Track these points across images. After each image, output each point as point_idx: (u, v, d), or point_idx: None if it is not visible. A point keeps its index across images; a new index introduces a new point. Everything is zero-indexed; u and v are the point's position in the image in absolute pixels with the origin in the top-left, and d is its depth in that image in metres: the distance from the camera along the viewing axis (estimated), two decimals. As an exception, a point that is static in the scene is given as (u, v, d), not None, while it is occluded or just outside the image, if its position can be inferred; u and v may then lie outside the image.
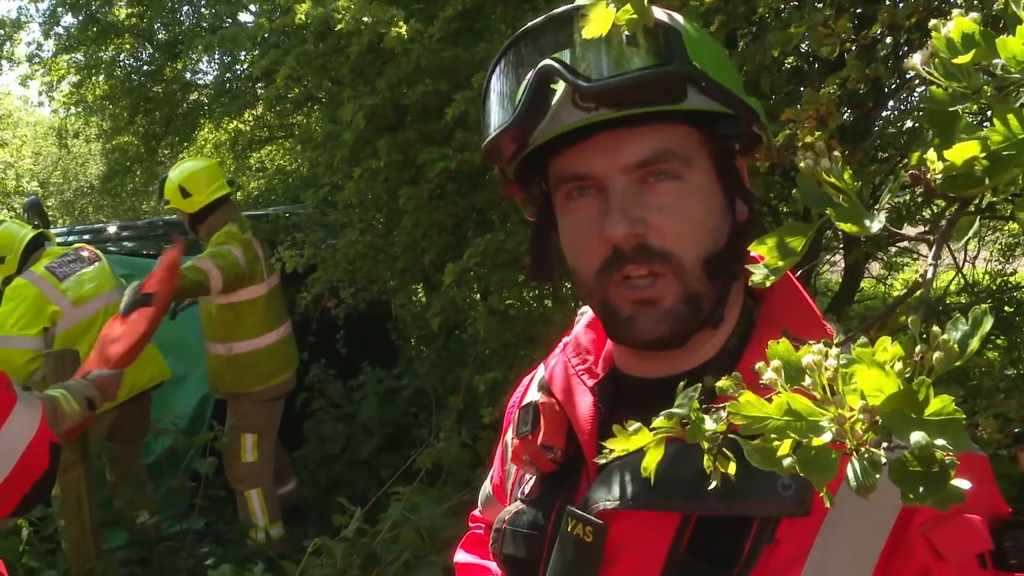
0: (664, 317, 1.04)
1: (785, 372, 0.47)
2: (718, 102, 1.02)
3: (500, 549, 1.17)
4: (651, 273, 1.02)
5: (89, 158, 21.49)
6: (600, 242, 1.04)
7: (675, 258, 1.02)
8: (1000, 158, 0.46)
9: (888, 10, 2.21)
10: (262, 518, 5.12)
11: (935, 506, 0.43)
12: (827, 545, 0.93)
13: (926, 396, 0.43)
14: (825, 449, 0.45)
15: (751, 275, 1.10)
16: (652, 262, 1.02)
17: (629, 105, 0.99)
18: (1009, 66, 0.45)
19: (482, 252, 3.74)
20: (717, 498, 0.93)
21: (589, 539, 1.03)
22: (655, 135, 1.02)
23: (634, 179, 1.03)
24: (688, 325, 1.05)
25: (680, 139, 1.03)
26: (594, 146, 1.03)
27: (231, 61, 11.00)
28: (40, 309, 4.85)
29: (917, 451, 0.42)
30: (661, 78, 0.98)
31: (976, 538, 0.91)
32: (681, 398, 0.56)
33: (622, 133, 1.02)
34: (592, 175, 1.04)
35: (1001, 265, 7.86)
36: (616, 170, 1.02)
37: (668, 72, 0.98)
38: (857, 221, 0.51)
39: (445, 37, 3.77)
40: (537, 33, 1.06)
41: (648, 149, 1.02)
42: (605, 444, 0.63)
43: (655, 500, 0.99)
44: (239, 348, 5.13)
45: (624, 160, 1.02)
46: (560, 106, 1.02)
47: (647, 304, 1.04)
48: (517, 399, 1.34)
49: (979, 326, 0.47)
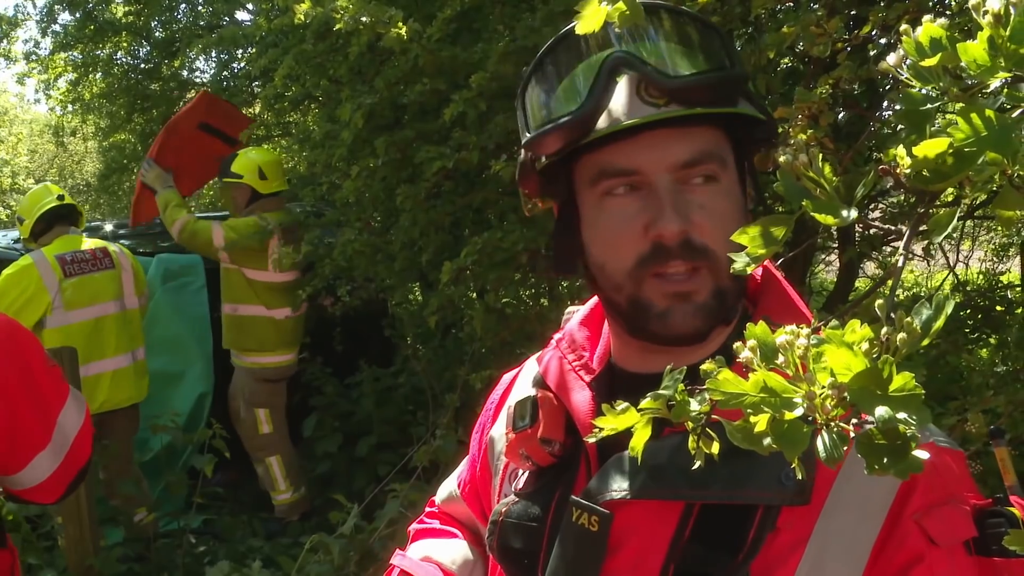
0: (697, 311, 1.06)
1: (760, 351, 0.51)
2: (754, 107, 1.07)
3: (497, 541, 1.18)
4: (691, 268, 1.05)
5: (86, 156, 21.46)
6: (641, 237, 1.05)
7: (712, 254, 1.05)
8: (964, 155, 0.49)
9: (880, 11, 2.24)
10: (283, 482, 5.44)
11: (897, 475, 0.46)
12: (825, 532, 0.97)
13: (890, 374, 0.46)
14: (797, 423, 0.48)
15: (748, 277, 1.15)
16: (695, 258, 1.04)
17: (697, 103, 1.03)
18: (970, 69, 0.48)
19: (479, 251, 3.77)
20: (722, 487, 0.98)
21: (595, 528, 1.05)
22: (700, 136, 1.06)
23: (677, 178, 1.05)
24: (716, 320, 1.09)
25: (718, 141, 1.07)
26: (642, 143, 1.05)
27: (228, 59, 11.00)
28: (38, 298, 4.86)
29: (881, 424, 0.45)
30: (728, 80, 1.04)
31: (963, 525, 0.97)
32: (667, 380, 0.59)
33: (669, 133, 1.04)
34: (639, 171, 1.05)
35: (995, 265, 7.90)
36: (663, 168, 1.04)
37: (734, 75, 1.04)
38: (833, 212, 0.55)
39: (443, 37, 3.79)
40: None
41: (694, 150, 1.05)
42: (595, 423, 0.65)
43: (660, 489, 1.02)
44: (243, 311, 5.40)
45: (671, 159, 1.04)
46: (625, 99, 1.04)
47: (682, 298, 1.06)
48: (497, 397, 1.36)
49: (942, 310, 0.50)
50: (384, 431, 5.88)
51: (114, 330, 5.11)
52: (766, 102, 3.29)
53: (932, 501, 0.97)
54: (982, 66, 0.48)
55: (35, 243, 5.09)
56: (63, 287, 4.91)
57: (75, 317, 4.96)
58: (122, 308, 5.19)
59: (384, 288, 5.30)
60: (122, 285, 5.22)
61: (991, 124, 0.49)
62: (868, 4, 2.95)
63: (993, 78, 0.49)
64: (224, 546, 5.06)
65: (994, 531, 0.96)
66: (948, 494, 0.99)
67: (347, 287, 5.31)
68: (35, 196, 5.17)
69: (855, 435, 0.47)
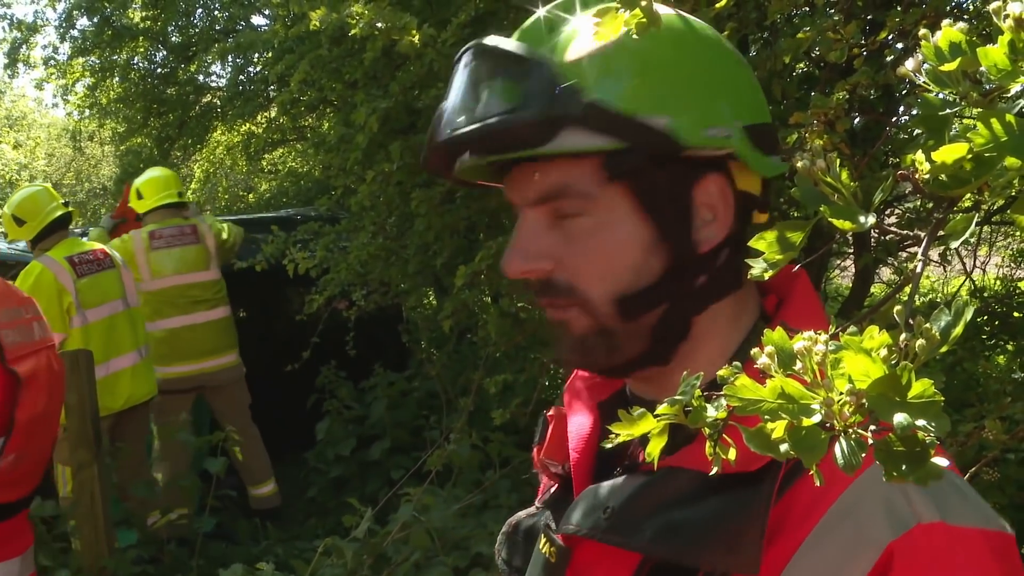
0: (576, 345, 1.01)
1: (778, 357, 0.51)
2: (609, 134, 0.92)
3: (500, 553, 1.17)
4: (557, 307, 1.01)
5: (102, 160, 21.60)
6: None
7: (579, 292, 0.98)
8: (983, 160, 0.49)
9: (897, 16, 2.23)
10: None
11: (916, 482, 0.46)
12: None
13: (908, 380, 0.46)
14: (815, 429, 0.48)
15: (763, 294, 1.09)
16: (556, 296, 1.00)
17: (491, 152, 0.96)
18: (990, 73, 0.48)
19: (494, 255, 3.77)
20: (663, 541, 0.89)
21: (554, 560, 1.02)
22: (556, 170, 0.96)
23: (544, 213, 0.99)
24: (606, 360, 1.01)
25: (583, 174, 0.95)
26: (512, 178, 1.02)
27: (244, 63, 11.06)
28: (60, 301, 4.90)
29: (900, 431, 0.45)
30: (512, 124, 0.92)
31: None
32: (683, 386, 0.59)
33: (530, 167, 0.98)
34: (514, 203, 1.03)
35: (1012, 271, 7.86)
36: (526, 203, 1.00)
37: (519, 118, 0.92)
38: (851, 218, 0.54)
39: (458, 42, 3.80)
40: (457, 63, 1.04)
41: (547, 185, 0.97)
42: (610, 428, 0.65)
43: (610, 534, 0.95)
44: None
45: (528, 195, 0.99)
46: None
47: (561, 327, 1.01)
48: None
49: (961, 316, 0.50)
50: (398, 435, 5.89)
51: (125, 327, 5.19)
52: (781, 107, 3.29)
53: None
54: (1003, 70, 0.48)
55: (33, 247, 5.14)
56: (78, 287, 4.95)
57: (92, 316, 5.01)
58: (127, 306, 5.27)
59: (399, 292, 5.32)
60: (124, 284, 5.30)
61: (1011, 129, 0.49)
62: (885, 9, 2.95)
63: (1014, 83, 0.49)
64: (237, 549, 5.08)
65: None
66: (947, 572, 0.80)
67: (362, 291, 5.32)
68: (39, 201, 5.12)
69: (873, 442, 0.47)
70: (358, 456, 5.91)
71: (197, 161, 14.55)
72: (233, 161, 14.22)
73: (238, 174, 15.73)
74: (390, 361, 6.52)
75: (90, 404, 4.10)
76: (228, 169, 15.12)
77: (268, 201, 13.03)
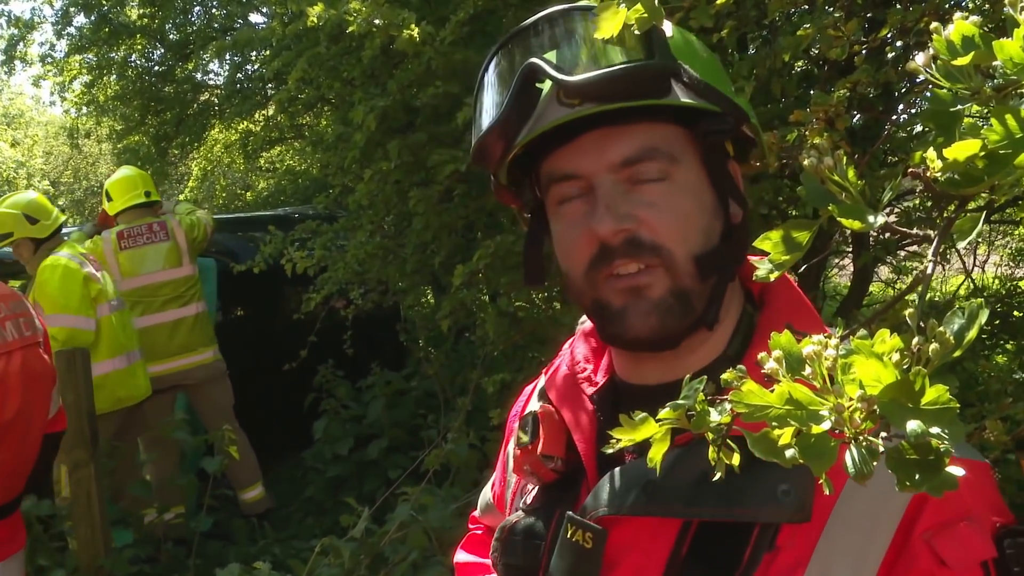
0: (653, 308, 1.03)
1: (786, 362, 0.49)
2: (704, 99, 1.01)
3: (500, 558, 1.16)
4: (643, 266, 1.03)
5: (100, 158, 21.58)
6: (588, 240, 1.04)
7: (665, 251, 1.02)
8: (998, 157, 0.47)
9: (898, 13, 2.22)
10: None
11: (930, 492, 0.44)
12: (828, 552, 0.93)
13: (922, 386, 0.44)
14: (824, 437, 0.47)
15: (748, 279, 1.12)
16: (642, 255, 1.02)
17: (612, 99, 0.99)
18: (1006, 68, 0.46)
19: (492, 254, 3.76)
20: (716, 504, 0.95)
21: (589, 545, 1.03)
22: (641, 133, 1.02)
23: (621, 178, 1.03)
24: (679, 322, 1.04)
25: (666, 137, 1.03)
26: (581, 145, 1.04)
27: (242, 61, 11.04)
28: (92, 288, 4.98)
29: (913, 439, 0.43)
30: (643, 71, 0.98)
31: (979, 545, 0.90)
32: (687, 390, 0.58)
33: (608, 132, 1.02)
34: (579, 173, 1.04)
35: (1011, 270, 7.85)
36: (603, 168, 1.03)
37: (650, 66, 0.98)
38: (859, 217, 0.53)
39: (456, 40, 3.78)
40: (524, 35, 1.06)
41: (634, 147, 1.02)
42: (612, 433, 0.64)
43: (654, 506, 0.99)
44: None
45: (610, 158, 1.02)
46: (545, 105, 1.03)
47: (636, 294, 1.03)
48: (519, 409, 1.34)
49: (975, 319, 0.48)
50: (395, 434, 5.88)
51: (125, 327, 5.21)
52: (781, 105, 3.28)
53: (945, 519, 0.91)
54: (1019, 64, 0.46)
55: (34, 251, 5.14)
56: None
57: (102, 311, 5.05)
58: (121, 307, 5.29)
59: (396, 291, 5.30)
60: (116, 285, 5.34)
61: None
62: (884, 6, 2.93)
63: (1030, 78, 0.47)
64: (233, 548, 5.07)
65: (1015, 551, 0.90)
66: (963, 511, 0.91)
67: (360, 290, 5.30)
68: (48, 208, 5.21)
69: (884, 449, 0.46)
70: (355, 455, 5.89)
71: (195, 159, 14.54)
72: (231, 159, 14.21)
73: (236, 172, 15.71)
74: (388, 360, 6.50)
75: (87, 403, 4.08)
76: (226, 167, 15.10)
77: (266, 199, 13.02)
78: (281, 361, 5.65)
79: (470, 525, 1.56)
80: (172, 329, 5.58)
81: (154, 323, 5.56)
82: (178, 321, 5.60)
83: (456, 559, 1.49)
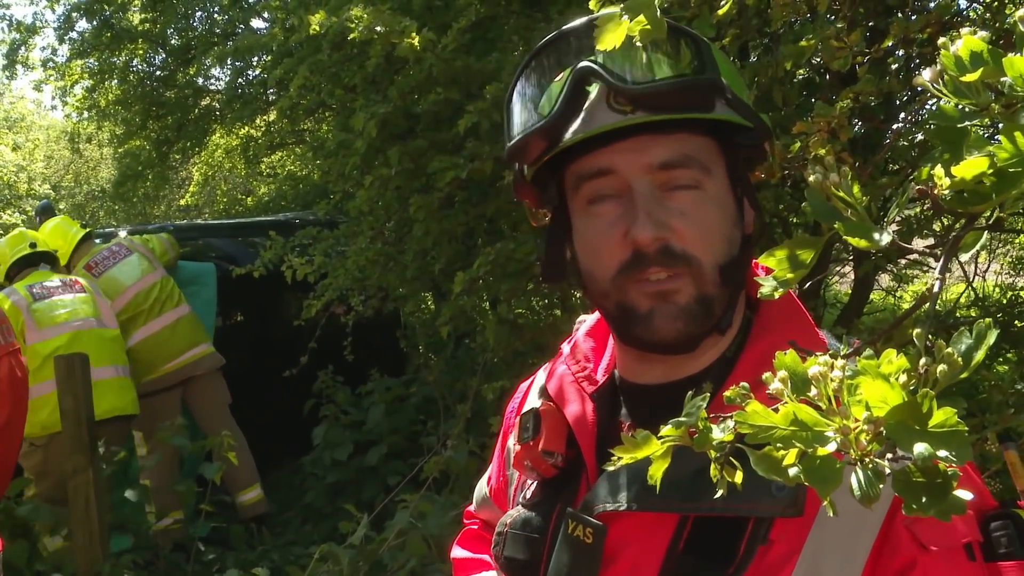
0: (680, 313, 1.06)
1: (791, 382, 0.48)
2: (741, 114, 1.06)
3: (501, 552, 1.18)
4: (672, 274, 1.05)
5: (101, 162, 21.57)
6: (621, 244, 1.06)
7: (695, 261, 1.05)
8: (1007, 175, 0.47)
9: (900, 23, 2.21)
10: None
11: (937, 516, 0.44)
12: (818, 544, 0.96)
13: (930, 408, 0.44)
14: (830, 459, 0.46)
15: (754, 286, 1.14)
16: (674, 264, 1.05)
17: (664, 110, 1.03)
18: (1016, 85, 0.46)
19: (492, 261, 3.75)
20: (713, 499, 0.96)
21: (589, 540, 1.06)
22: (680, 142, 1.05)
23: (657, 182, 1.05)
24: (701, 327, 1.07)
25: (701, 148, 1.07)
26: (620, 148, 1.06)
27: (243, 67, 11.05)
28: None
29: (920, 462, 0.42)
30: (696, 86, 1.03)
31: (960, 528, 0.94)
32: (689, 407, 0.57)
33: (649, 138, 1.05)
34: (614, 169, 1.06)
35: (1012, 279, 7.83)
36: (640, 169, 1.05)
37: (703, 81, 1.03)
38: (866, 235, 0.52)
39: (458, 47, 3.78)
40: (571, 37, 1.09)
41: (673, 152, 1.05)
42: (613, 452, 0.63)
43: (654, 502, 1.01)
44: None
45: (649, 160, 1.05)
46: (594, 107, 1.05)
47: (664, 299, 1.06)
48: (516, 405, 1.37)
49: (983, 340, 0.48)
50: (395, 441, 5.86)
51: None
52: (782, 113, 3.27)
53: None
54: (1028, 82, 0.46)
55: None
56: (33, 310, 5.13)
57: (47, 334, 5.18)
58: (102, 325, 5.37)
59: (397, 298, 5.30)
60: (99, 307, 5.41)
61: (1035, 143, 0.47)
62: (887, 16, 2.93)
63: (1039, 94, 0.46)
64: (232, 554, 5.05)
65: (1000, 534, 0.94)
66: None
67: (360, 297, 5.29)
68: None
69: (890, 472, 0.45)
70: (355, 462, 5.87)
71: (196, 164, 14.54)
72: (232, 164, 14.21)
73: (237, 177, 15.71)
74: (387, 367, 6.49)
75: (85, 409, 4.08)
76: (227, 172, 15.10)
77: (267, 205, 13.01)
78: (281, 367, 5.65)
79: (465, 520, 1.60)
80: (173, 328, 5.71)
81: (158, 327, 5.67)
82: (177, 320, 5.73)
83: (453, 555, 1.52)
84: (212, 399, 5.82)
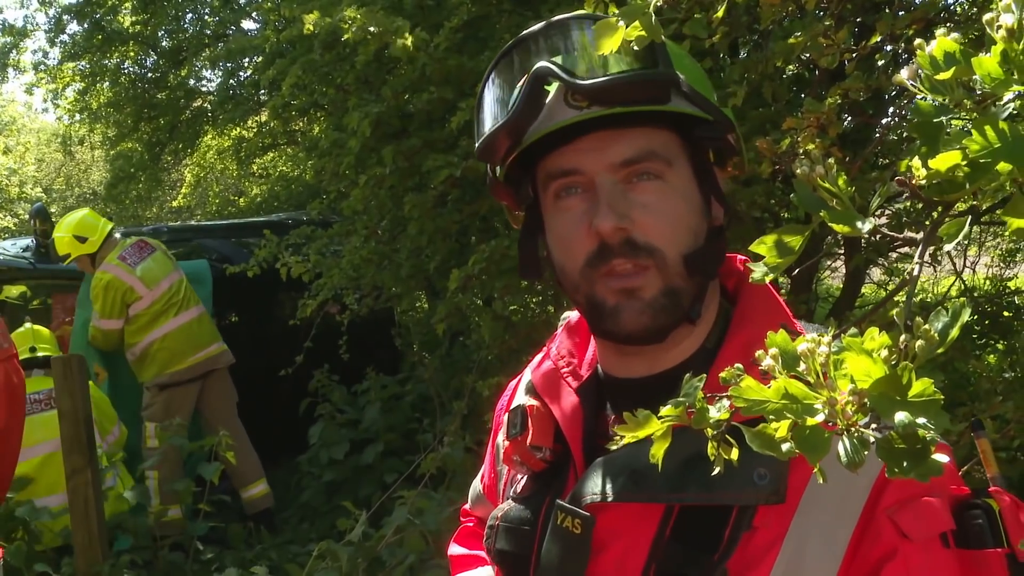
0: (646, 308, 1.09)
1: (782, 359, 0.52)
2: (699, 107, 1.09)
3: (493, 544, 1.21)
4: (636, 267, 1.08)
5: (92, 165, 21.54)
6: (587, 236, 1.09)
7: (659, 252, 1.08)
8: (979, 165, 0.50)
9: (887, 20, 2.25)
10: (153, 500, 5.39)
11: (917, 478, 0.47)
12: (801, 530, 1.00)
13: (909, 380, 0.47)
14: (818, 429, 0.50)
15: (726, 276, 1.18)
16: (637, 256, 1.07)
17: (619, 103, 1.06)
18: (984, 81, 0.50)
19: (486, 258, 3.78)
20: (698, 489, 1.01)
21: (578, 531, 1.08)
22: (641, 137, 1.09)
23: (620, 178, 1.09)
24: (669, 318, 1.10)
25: (663, 142, 1.10)
26: (584, 145, 1.09)
27: (235, 68, 11.05)
28: None
29: (901, 429, 0.46)
30: (649, 79, 1.05)
31: (938, 518, 0.98)
32: (686, 388, 0.60)
33: (610, 134, 1.08)
34: (580, 170, 1.10)
35: (1001, 270, 7.89)
36: (603, 167, 1.08)
37: (655, 75, 1.05)
38: (849, 223, 0.56)
39: (450, 46, 3.81)
40: (531, 40, 1.13)
41: (634, 149, 1.08)
42: (616, 431, 0.67)
43: (640, 493, 1.05)
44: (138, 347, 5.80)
45: (611, 158, 1.08)
46: (553, 105, 1.08)
47: (629, 295, 1.09)
48: (505, 403, 1.39)
49: (958, 317, 0.51)
50: (391, 439, 5.89)
51: None
52: (772, 109, 3.31)
53: (905, 495, 0.99)
54: (996, 79, 0.50)
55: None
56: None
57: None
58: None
59: (391, 296, 5.32)
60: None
61: (1005, 136, 0.50)
62: (874, 13, 2.97)
63: (1007, 91, 0.50)
64: (230, 553, 5.07)
65: (973, 523, 0.98)
66: (924, 487, 0.98)
67: (354, 296, 5.32)
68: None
69: (875, 439, 0.49)
70: (351, 460, 5.89)
71: (188, 165, 14.54)
72: (224, 165, 14.21)
73: (229, 178, 15.71)
74: (383, 365, 6.51)
75: (83, 409, 4.09)
76: (219, 173, 15.10)
77: (259, 205, 13.01)
78: (276, 366, 5.68)
79: (462, 518, 1.62)
80: (198, 321, 5.88)
81: (188, 319, 5.83)
82: (201, 315, 5.92)
83: (450, 552, 1.55)
84: (224, 395, 5.96)
